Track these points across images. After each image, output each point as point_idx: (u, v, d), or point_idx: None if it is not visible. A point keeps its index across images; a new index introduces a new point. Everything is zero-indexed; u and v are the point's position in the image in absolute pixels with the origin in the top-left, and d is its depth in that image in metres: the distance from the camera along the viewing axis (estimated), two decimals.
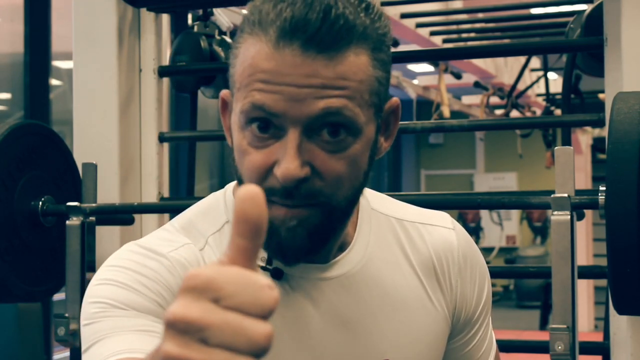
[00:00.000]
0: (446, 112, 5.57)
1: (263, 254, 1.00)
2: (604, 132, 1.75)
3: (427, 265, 1.08)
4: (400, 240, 1.08)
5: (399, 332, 1.04)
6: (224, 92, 1.00)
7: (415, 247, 1.08)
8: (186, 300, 0.57)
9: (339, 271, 1.02)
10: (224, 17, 2.67)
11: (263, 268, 1.00)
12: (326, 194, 0.93)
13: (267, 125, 0.91)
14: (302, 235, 0.93)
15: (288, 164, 0.90)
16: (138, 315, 0.93)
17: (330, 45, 0.89)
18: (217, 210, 1.04)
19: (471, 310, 1.13)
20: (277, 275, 0.99)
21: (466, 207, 6.78)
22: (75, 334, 2.00)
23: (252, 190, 0.56)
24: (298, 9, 0.88)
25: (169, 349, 0.56)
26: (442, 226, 1.12)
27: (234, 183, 1.05)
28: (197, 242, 1.01)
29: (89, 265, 2.03)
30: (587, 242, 8.03)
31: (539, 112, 6.78)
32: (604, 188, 1.57)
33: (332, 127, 0.91)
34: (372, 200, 1.10)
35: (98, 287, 0.96)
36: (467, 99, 7.78)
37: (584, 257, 7.69)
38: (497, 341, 1.23)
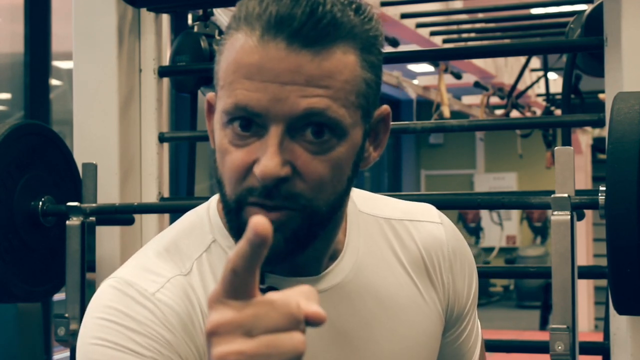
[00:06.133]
0: (446, 112, 5.56)
1: None
2: (604, 132, 1.75)
3: (418, 263, 1.07)
4: (390, 240, 1.06)
5: (394, 338, 1.03)
6: (210, 95, 0.97)
7: (405, 246, 1.07)
8: (219, 310, 0.60)
9: (331, 282, 1.00)
10: (224, 17, 2.67)
11: None
12: (307, 197, 0.89)
13: (249, 123, 0.89)
14: (279, 240, 0.89)
15: (267, 161, 0.86)
16: None
17: (315, 40, 0.87)
18: (201, 230, 1.00)
19: (463, 303, 1.12)
20: None
21: (466, 207, 6.77)
22: (75, 334, 2.00)
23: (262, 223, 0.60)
24: (284, 5, 0.87)
25: (218, 351, 0.59)
26: (430, 221, 1.10)
27: (216, 197, 1.01)
28: (182, 267, 0.97)
29: (89, 266, 2.03)
30: (587, 242, 8.02)
31: (539, 112, 6.77)
32: (604, 188, 1.57)
33: (316, 126, 0.88)
34: (359, 202, 1.08)
35: (91, 347, 0.92)
36: (467, 99, 7.77)
37: (584, 257, 7.68)
38: (497, 341, 1.23)
